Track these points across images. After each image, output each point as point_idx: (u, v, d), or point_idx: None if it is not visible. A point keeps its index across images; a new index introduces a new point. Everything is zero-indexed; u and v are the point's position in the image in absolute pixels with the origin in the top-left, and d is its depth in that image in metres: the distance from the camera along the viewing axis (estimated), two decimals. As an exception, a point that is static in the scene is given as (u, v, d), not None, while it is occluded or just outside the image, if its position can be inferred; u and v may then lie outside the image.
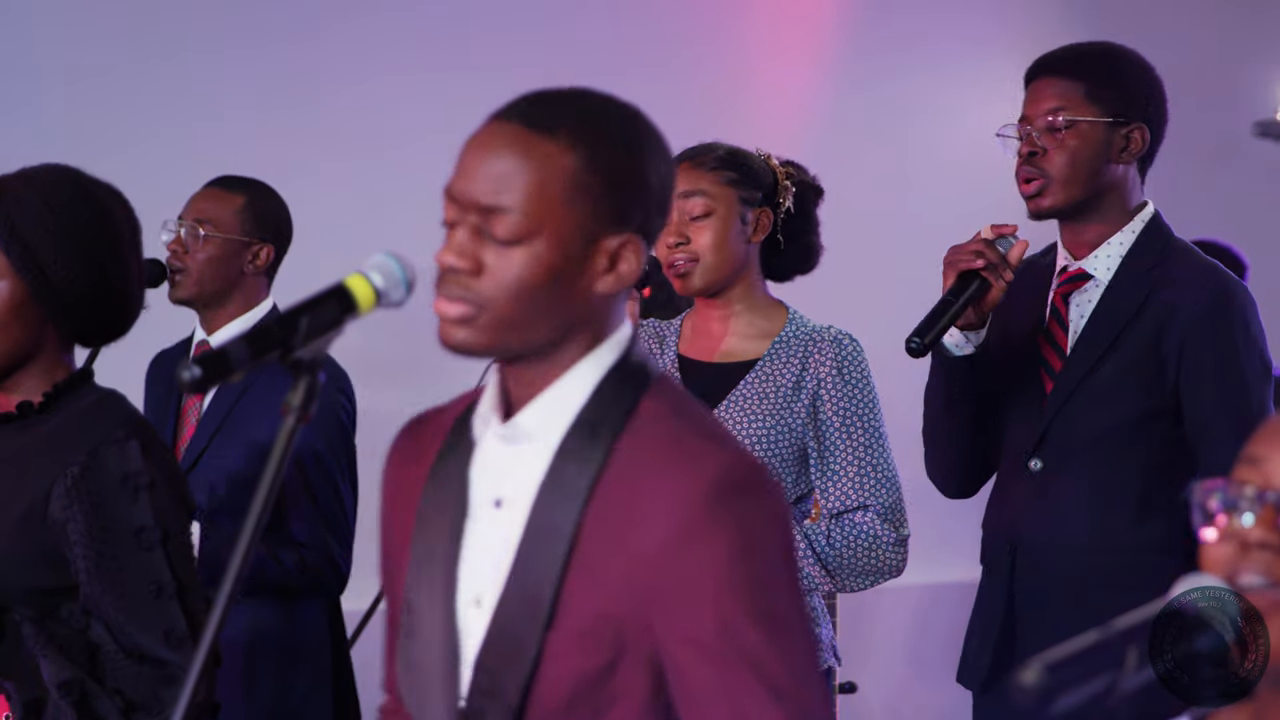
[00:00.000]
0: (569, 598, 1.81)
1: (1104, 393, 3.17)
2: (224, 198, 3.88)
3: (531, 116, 1.83)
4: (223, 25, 5.10)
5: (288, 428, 1.78)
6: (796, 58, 5.78)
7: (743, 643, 1.78)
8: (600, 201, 1.82)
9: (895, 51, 5.84)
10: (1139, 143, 3.20)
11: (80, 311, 2.52)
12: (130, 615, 2.42)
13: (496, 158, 1.81)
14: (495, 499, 1.89)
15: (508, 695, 1.82)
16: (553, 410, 1.86)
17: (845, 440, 3.21)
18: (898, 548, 3.23)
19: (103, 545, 2.43)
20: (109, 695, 2.40)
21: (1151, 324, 3.15)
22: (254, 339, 1.78)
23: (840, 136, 5.61)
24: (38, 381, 2.55)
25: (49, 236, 2.48)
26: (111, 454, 2.46)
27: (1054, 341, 3.25)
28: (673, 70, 5.46)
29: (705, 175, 3.29)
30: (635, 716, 1.82)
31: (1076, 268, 3.25)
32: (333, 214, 4.86)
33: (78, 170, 2.57)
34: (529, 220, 1.80)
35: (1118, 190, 3.22)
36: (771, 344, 3.29)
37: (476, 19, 5.34)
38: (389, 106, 5.18)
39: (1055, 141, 3.17)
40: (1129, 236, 3.22)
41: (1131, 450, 3.15)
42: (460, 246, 1.82)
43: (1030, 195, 3.21)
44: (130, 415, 2.54)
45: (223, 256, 3.84)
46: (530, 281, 1.81)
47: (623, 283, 1.85)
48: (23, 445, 2.51)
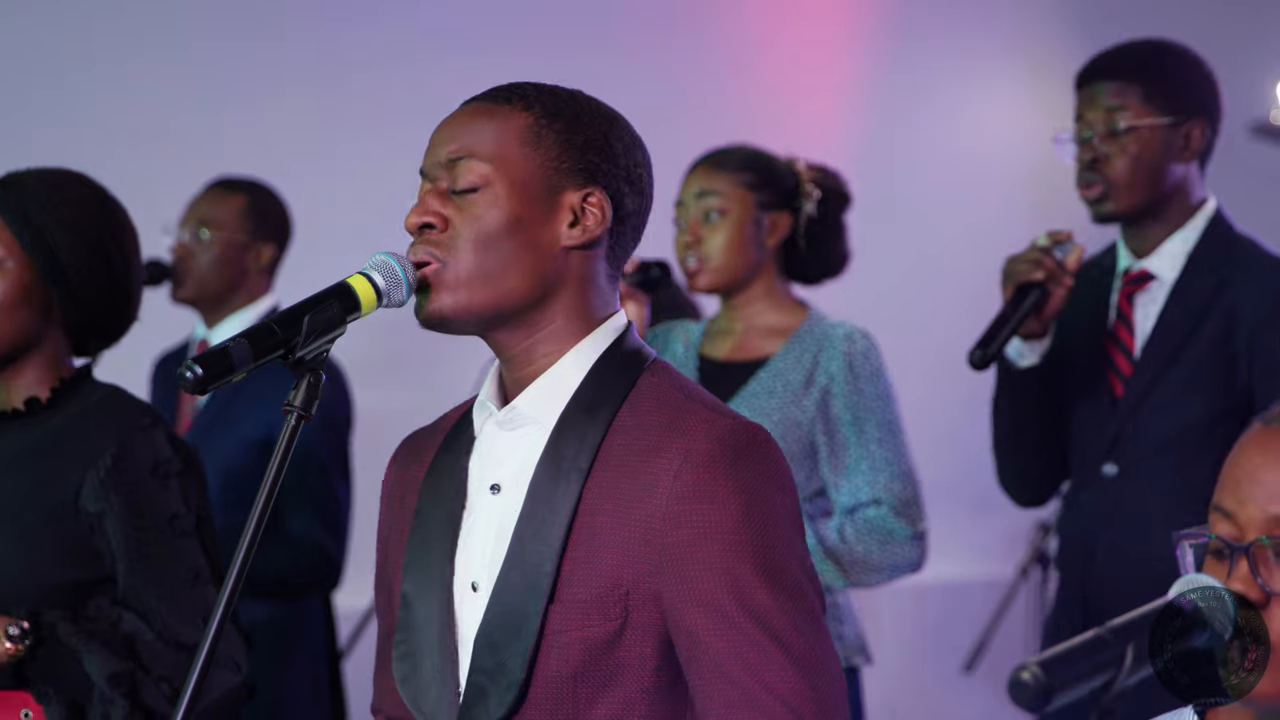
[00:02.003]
0: (571, 571, 1.83)
1: (1176, 395, 3.14)
2: (225, 199, 3.91)
3: (492, 94, 1.93)
4: (224, 25, 5.10)
5: (289, 427, 1.78)
6: (805, 62, 5.78)
7: (753, 604, 1.79)
8: (558, 154, 1.88)
9: (903, 55, 5.85)
10: (1199, 139, 3.17)
11: (87, 301, 2.54)
12: (170, 603, 2.45)
13: (458, 125, 1.90)
14: (493, 484, 1.90)
15: (511, 671, 1.83)
16: (550, 392, 1.89)
17: (857, 436, 3.23)
18: (914, 542, 3.24)
19: (141, 534, 2.45)
20: (156, 684, 2.41)
21: (1219, 324, 3.12)
22: (256, 338, 1.78)
23: (844, 136, 5.61)
24: (41, 376, 2.56)
25: (60, 224, 2.52)
26: (140, 443, 2.48)
27: (1121, 344, 3.22)
28: (677, 70, 5.46)
29: (721, 176, 3.31)
30: (640, 688, 1.83)
31: (1140, 269, 3.22)
32: (334, 214, 4.86)
33: (86, 175, 2.61)
34: (487, 166, 1.87)
35: (1180, 190, 3.18)
36: (786, 342, 3.31)
37: (483, 18, 5.34)
38: (391, 106, 5.17)
39: (1116, 147, 3.14)
40: (1192, 234, 3.18)
41: (1203, 453, 3.10)
42: (426, 205, 1.88)
43: (1093, 200, 3.17)
44: (147, 405, 2.56)
45: (225, 257, 3.87)
46: (493, 228, 1.86)
47: (589, 235, 1.89)
48: (36, 441, 2.52)
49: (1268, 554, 1.56)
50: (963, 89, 5.84)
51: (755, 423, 1.86)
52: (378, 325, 2.38)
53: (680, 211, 3.36)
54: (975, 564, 3.36)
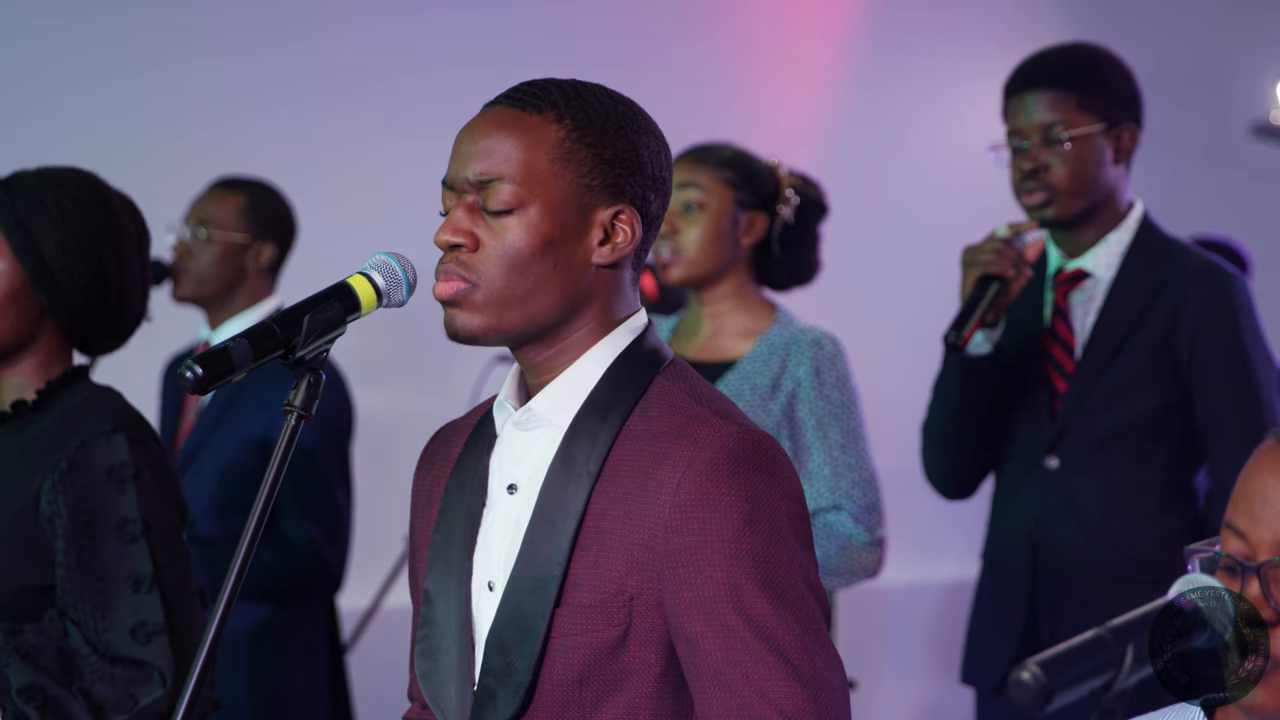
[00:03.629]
0: (578, 575, 1.83)
1: (1120, 390, 3.20)
2: (225, 198, 3.91)
3: (518, 99, 1.88)
4: (226, 26, 5.10)
5: (289, 427, 1.78)
6: (798, 60, 5.78)
7: (753, 614, 1.78)
8: (590, 170, 1.85)
9: (899, 51, 5.85)
10: (1129, 142, 3.25)
11: (76, 306, 2.52)
12: (103, 609, 2.41)
13: (486, 137, 1.86)
14: (510, 484, 1.91)
15: (519, 673, 1.83)
16: (566, 394, 1.88)
17: (820, 441, 3.24)
18: (872, 549, 3.25)
19: (85, 538, 2.42)
20: (75, 696, 2.37)
21: (1161, 322, 3.19)
22: (256, 338, 1.78)
23: (840, 136, 5.62)
24: (32, 377, 2.55)
25: (52, 227, 2.49)
26: (98, 446, 2.46)
27: (1061, 341, 3.27)
28: (676, 69, 5.46)
29: (704, 170, 3.32)
30: (644, 694, 1.83)
31: (1075, 267, 3.28)
32: (335, 214, 4.86)
33: (93, 174, 2.59)
34: (520, 188, 1.84)
35: (1113, 193, 3.25)
36: (754, 344, 3.31)
37: (482, 18, 5.34)
38: (393, 106, 5.18)
39: (1057, 155, 3.20)
40: (1125, 235, 3.26)
41: (1149, 445, 3.19)
42: (457, 223, 1.85)
43: (1035, 206, 3.23)
44: (120, 410, 2.53)
45: (225, 256, 3.87)
46: (525, 251, 1.84)
47: (619, 253, 1.88)
48: (17, 444, 2.51)
49: (1279, 574, 1.56)
50: (959, 90, 5.83)
51: (763, 431, 1.86)
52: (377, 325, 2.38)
53: None
54: (974, 564, 3.37)
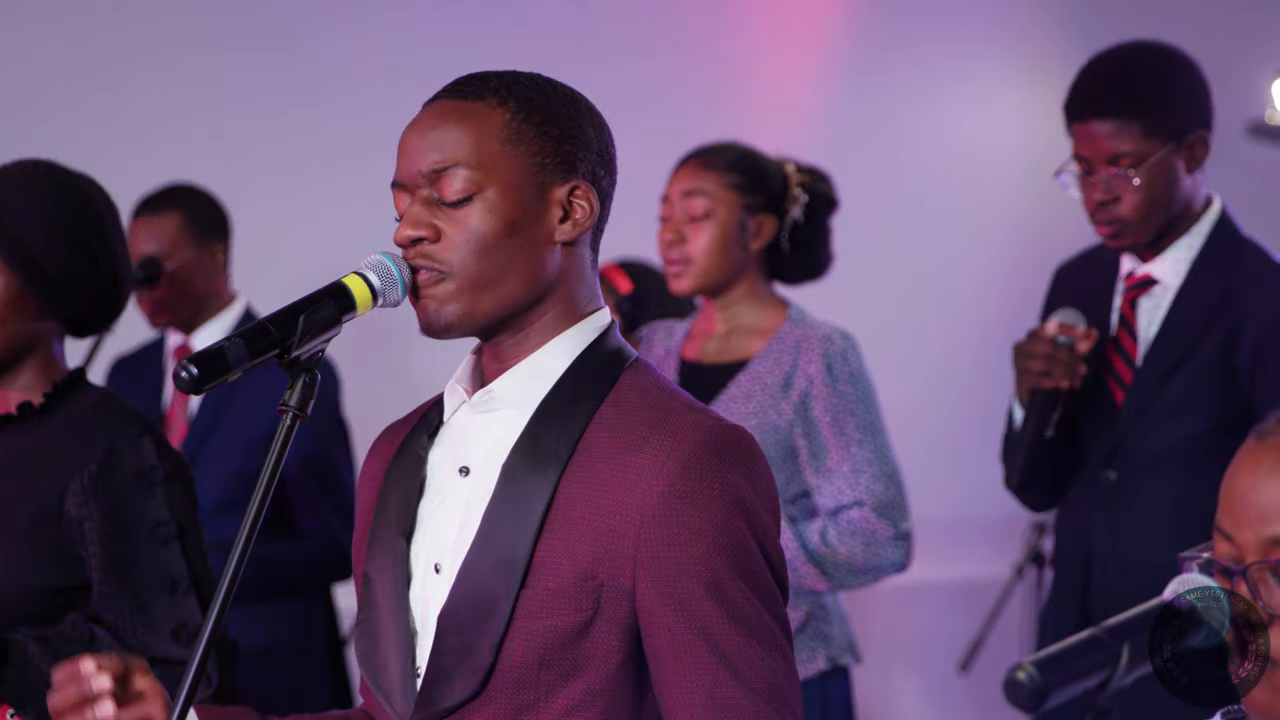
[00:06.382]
0: (545, 558, 1.83)
1: (1177, 405, 3.11)
2: (159, 223, 3.90)
3: (459, 90, 1.90)
4: (223, 26, 5.10)
5: (285, 428, 1.78)
6: (796, 55, 5.78)
7: (728, 606, 1.80)
8: (540, 149, 1.87)
9: (896, 49, 5.85)
10: (1202, 150, 3.13)
11: (76, 299, 2.52)
12: (142, 613, 2.42)
13: (435, 129, 1.88)
14: (462, 467, 1.91)
15: (479, 654, 1.83)
16: (528, 379, 1.89)
17: (837, 438, 3.21)
18: (898, 542, 3.22)
19: (119, 543, 2.43)
20: None
21: (1223, 335, 3.09)
22: (252, 338, 1.78)
23: (840, 133, 5.61)
24: (35, 379, 2.54)
25: (37, 228, 2.48)
26: (127, 450, 2.46)
27: (1123, 351, 3.19)
28: (672, 67, 5.46)
29: (710, 176, 3.30)
30: (604, 680, 1.84)
31: (1144, 273, 3.19)
32: (331, 214, 4.86)
33: (53, 162, 2.57)
34: (475, 172, 1.85)
35: (1190, 200, 3.14)
36: (766, 343, 3.29)
37: (474, 19, 5.34)
38: (387, 107, 5.16)
39: (1126, 186, 3.07)
40: (1198, 239, 3.15)
41: (1204, 463, 3.07)
42: (416, 217, 1.87)
43: (1109, 237, 3.13)
44: (139, 412, 2.54)
45: (188, 277, 3.89)
46: (491, 234, 1.85)
47: (580, 229, 1.89)
48: (28, 446, 2.50)
49: (1266, 575, 1.56)
50: (960, 87, 5.83)
51: (739, 425, 1.87)
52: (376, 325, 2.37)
53: (666, 207, 3.34)
54: (971, 564, 3.36)
